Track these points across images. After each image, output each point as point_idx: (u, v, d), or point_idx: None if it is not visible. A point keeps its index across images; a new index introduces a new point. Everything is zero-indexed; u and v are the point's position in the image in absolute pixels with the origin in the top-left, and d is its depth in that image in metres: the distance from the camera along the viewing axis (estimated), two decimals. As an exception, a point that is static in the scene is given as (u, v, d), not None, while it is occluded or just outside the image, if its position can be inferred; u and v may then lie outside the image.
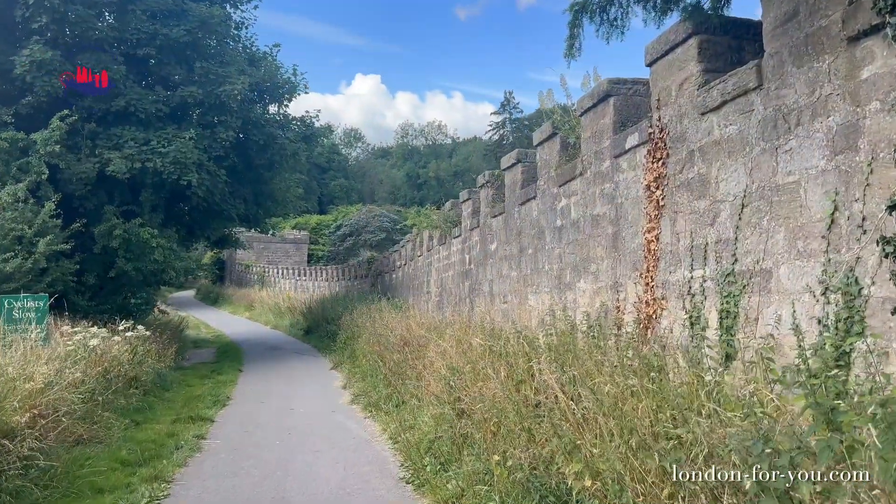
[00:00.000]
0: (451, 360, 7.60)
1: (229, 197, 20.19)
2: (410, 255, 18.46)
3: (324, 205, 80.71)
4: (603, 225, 6.88)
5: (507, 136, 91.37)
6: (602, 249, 6.86)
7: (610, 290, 6.68)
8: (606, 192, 6.81)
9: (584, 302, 7.16)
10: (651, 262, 5.77)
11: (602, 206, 6.89)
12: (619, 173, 6.54)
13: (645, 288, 5.88)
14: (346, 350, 17.49)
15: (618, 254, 6.54)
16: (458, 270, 12.67)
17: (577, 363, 5.25)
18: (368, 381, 12.93)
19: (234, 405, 12.41)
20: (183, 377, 16.31)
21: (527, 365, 6.11)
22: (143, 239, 17.36)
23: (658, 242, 5.71)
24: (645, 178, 5.96)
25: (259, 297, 40.71)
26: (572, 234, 7.64)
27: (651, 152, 5.79)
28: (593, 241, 7.10)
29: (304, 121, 21.27)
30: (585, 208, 7.30)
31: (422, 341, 10.02)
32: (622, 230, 6.47)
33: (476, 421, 6.10)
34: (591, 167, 7.14)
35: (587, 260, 7.23)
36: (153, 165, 17.33)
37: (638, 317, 5.97)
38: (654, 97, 5.76)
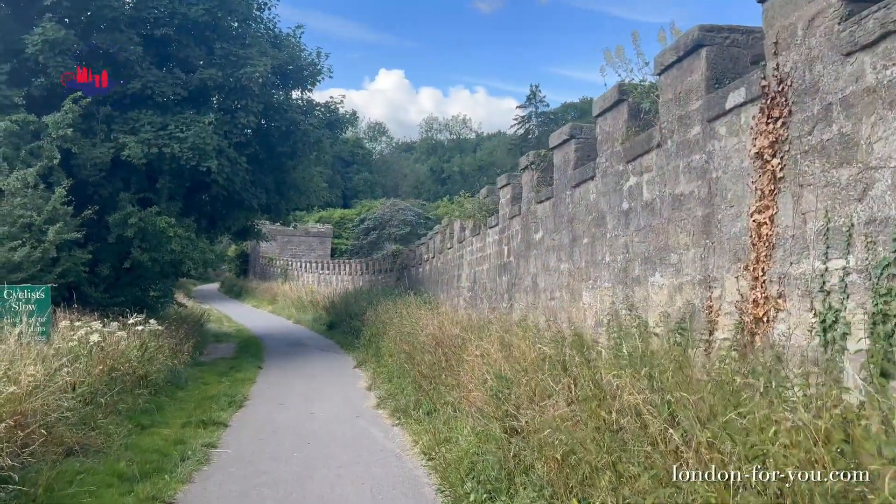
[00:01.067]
0: (497, 366, 6.48)
1: (250, 186, 19.25)
2: (439, 248, 17.34)
3: (347, 199, 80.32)
4: (689, 206, 5.70)
5: (533, 130, 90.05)
6: (687, 236, 5.68)
7: (698, 285, 5.50)
8: (695, 165, 5.62)
9: (659, 300, 6.01)
10: (762, 250, 4.61)
11: (688, 182, 5.71)
12: (714, 141, 5.35)
13: (752, 283, 4.72)
14: (370, 348, 16.48)
15: (710, 241, 5.36)
16: (495, 263, 11.53)
17: (682, 381, 4.07)
18: (395, 382, 11.88)
19: (250, 407, 11.42)
20: (199, 374, 15.42)
21: (593, 377, 4.96)
22: (160, 228, 16.48)
23: (773, 225, 4.54)
24: (755, 145, 4.77)
25: (282, 291, 40.05)
26: (644, 219, 6.46)
27: (765, 110, 4.60)
28: (674, 226, 5.91)
29: (328, 107, 20.24)
30: (663, 187, 6.12)
31: (457, 342, 8.91)
32: (717, 211, 5.28)
33: (534, 444, 4.98)
34: (674, 136, 5.95)
35: (665, 249, 6.05)
36: (171, 151, 16.43)
37: (741, 319, 4.81)
38: (769, 40, 4.56)
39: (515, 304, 10.07)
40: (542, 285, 9.07)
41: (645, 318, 6.04)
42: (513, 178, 10.80)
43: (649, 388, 4.17)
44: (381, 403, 10.94)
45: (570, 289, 8.03)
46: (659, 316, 5.80)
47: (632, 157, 6.59)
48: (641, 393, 4.21)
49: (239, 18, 18.67)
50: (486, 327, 8.66)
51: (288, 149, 19.66)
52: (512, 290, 10.35)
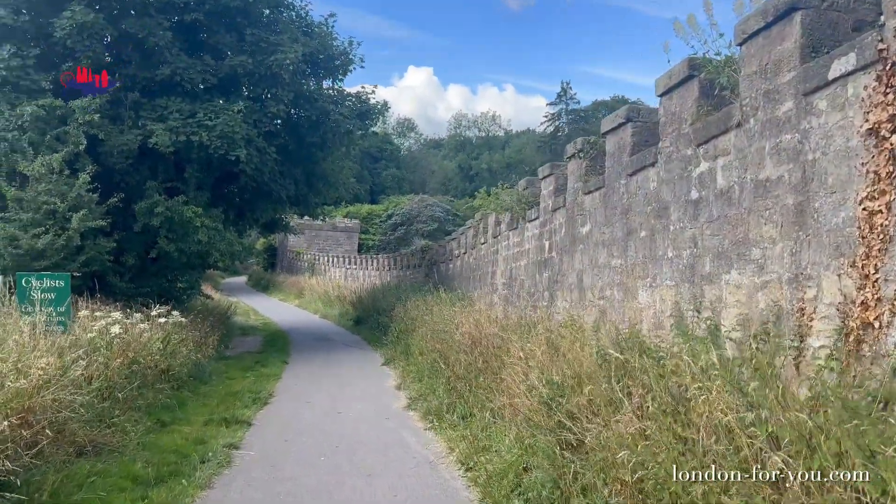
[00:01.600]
0: (547, 371, 5.84)
1: (279, 177, 18.82)
2: (471, 243, 16.70)
3: (375, 194, 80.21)
4: (776, 193, 4.98)
5: (563, 128, 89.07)
6: (773, 228, 4.97)
7: (786, 284, 4.79)
8: (785, 145, 4.90)
9: (736, 300, 5.31)
10: (874, 243, 3.91)
11: (775, 166, 4.99)
12: (811, 117, 4.64)
13: (860, 282, 4.01)
14: (398, 344, 15.94)
15: (804, 233, 4.65)
16: (534, 259, 10.86)
17: (780, 396, 3.39)
18: (426, 382, 11.29)
19: (275, 404, 10.92)
20: (224, 368, 15.02)
21: (668, 387, 4.30)
22: (187, 218, 16.10)
23: (890, 214, 3.83)
24: (867, 120, 4.06)
25: (309, 285, 39.79)
26: (718, 209, 5.74)
27: (883, 79, 3.89)
28: (756, 216, 5.20)
29: (358, 97, 19.69)
30: (743, 172, 5.40)
31: (496, 342, 8.27)
32: (814, 199, 4.57)
33: (596, 463, 4.33)
34: (758, 114, 5.23)
35: (743, 243, 5.34)
36: (198, 139, 16.04)
37: (843, 324, 4.11)
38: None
39: (557, 302, 9.40)
40: (588, 283, 8.38)
41: (716, 321, 5.35)
42: (556, 167, 10.11)
43: (744, 405, 3.51)
44: (411, 404, 10.37)
45: (622, 287, 7.34)
46: (735, 319, 5.12)
47: (703, 140, 5.89)
48: (731, 409, 3.55)
49: (270, 5, 18.23)
50: (529, 327, 8.02)
51: (317, 139, 19.18)
52: (553, 288, 9.68)
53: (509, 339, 7.69)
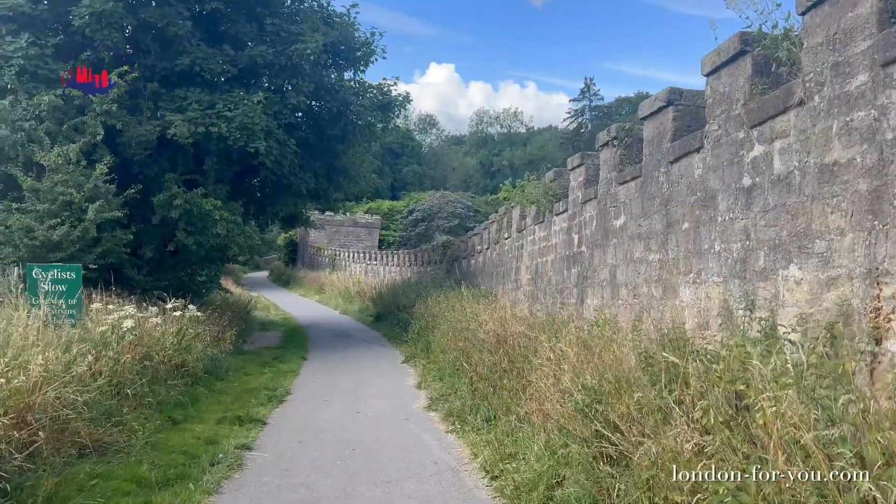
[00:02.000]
0: (581, 374, 5.35)
1: (299, 170, 18.49)
2: (494, 238, 16.20)
3: (396, 190, 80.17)
4: (846, 178, 4.44)
5: (586, 124, 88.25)
6: (841, 217, 4.43)
7: (858, 280, 4.26)
8: (857, 124, 4.36)
9: (796, 298, 4.78)
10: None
11: (845, 148, 4.45)
12: (891, 91, 4.09)
13: (954, 278, 3.48)
14: (419, 342, 15.53)
15: (880, 223, 4.10)
16: (562, 254, 10.34)
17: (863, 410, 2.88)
18: (447, 381, 10.86)
19: (291, 402, 10.56)
20: (242, 364, 14.73)
21: (727, 396, 3.79)
22: (205, 211, 15.82)
23: None
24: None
25: (329, 281, 39.61)
26: (774, 197, 5.20)
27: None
28: (821, 204, 4.66)
29: (380, 88, 19.28)
30: (805, 155, 4.86)
31: (523, 342, 7.78)
32: (893, 184, 4.03)
33: (644, 481, 3.85)
34: (823, 89, 4.69)
35: (805, 235, 4.80)
36: (218, 130, 15.75)
37: (931, 326, 3.59)
38: None
39: (587, 300, 8.88)
40: (622, 279, 7.86)
41: (772, 321, 4.83)
42: (587, 157, 9.57)
43: (824, 419, 3.01)
44: (432, 405, 9.93)
45: (661, 283, 6.81)
46: (795, 319, 4.59)
47: (758, 121, 5.35)
48: (806, 423, 3.05)
49: (291, -7, 17.93)
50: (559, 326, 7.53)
51: (338, 132, 18.81)
52: (583, 285, 9.16)
53: (537, 338, 7.21)
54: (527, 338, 7.63)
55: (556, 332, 7.17)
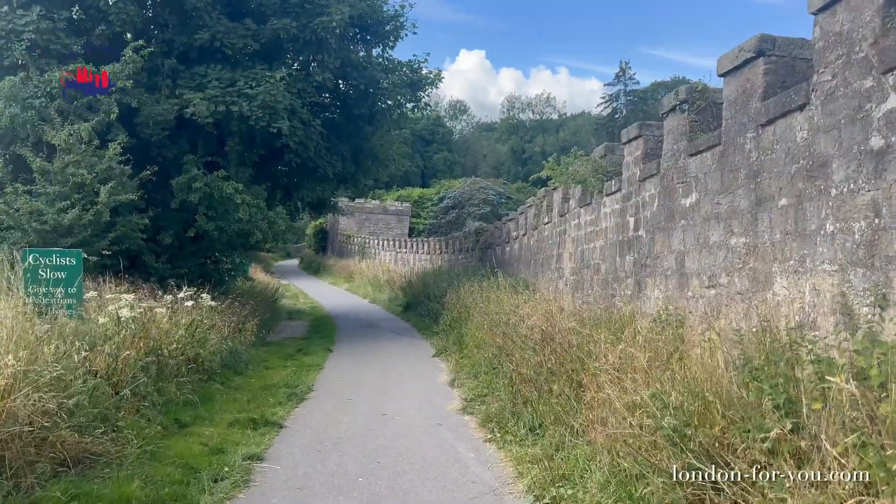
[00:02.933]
0: (659, 386, 4.26)
1: (325, 153, 17.55)
2: (532, 224, 15.05)
3: (426, 178, 79.56)
4: None
5: (621, 109, 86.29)
6: None
7: None
8: None
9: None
10: None
11: None
12: None
13: None
14: (450, 334, 14.55)
15: None
16: (613, 239, 9.18)
17: None
18: (483, 380, 9.84)
19: (312, 402, 9.64)
20: (264, 356, 13.94)
21: (890, 429, 2.69)
22: (227, 194, 15.00)
23: None
24: None
25: (359, 269, 38.93)
26: (926, 159, 4.02)
27: None
28: None
29: (410, 66, 18.19)
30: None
31: (574, 339, 6.69)
32: None
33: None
34: None
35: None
36: (238, 109, 14.90)
37: None
38: None
39: (647, 291, 7.73)
40: (693, 267, 6.70)
41: (918, 323, 3.71)
42: (646, 127, 8.37)
43: None
44: (467, 407, 8.91)
45: (748, 272, 5.63)
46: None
47: (895, 64, 4.18)
48: None
49: (315, -37, 16.87)
50: (617, 322, 6.45)
51: (366, 111, 17.82)
52: (641, 274, 8.01)
53: (592, 336, 6.12)
54: (579, 335, 6.54)
55: (617, 330, 6.09)
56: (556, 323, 7.17)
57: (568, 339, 6.57)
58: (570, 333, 6.68)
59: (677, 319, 5.96)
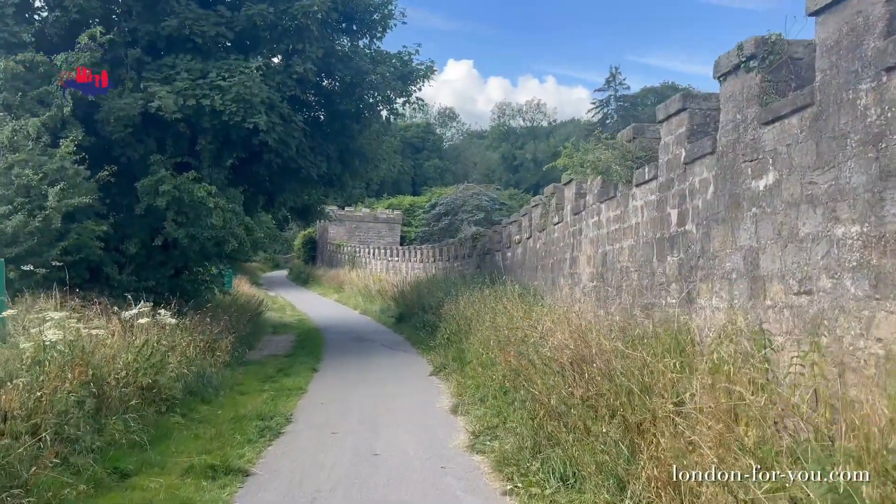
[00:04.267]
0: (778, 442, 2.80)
1: (308, 152, 16.05)
2: (539, 225, 13.58)
3: (417, 186, 78.56)
4: None
5: (612, 115, 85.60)
6: None
7: None
8: None
9: None
10: None
11: None
12: None
13: None
14: (449, 349, 13.07)
15: None
16: (649, 237, 7.67)
17: None
18: (491, 406, 8.35)
19: (289, 437, 8.12)
20: (241, 378, 12.42)
21: None
22: (198, 197, 13.47)
23: None
24: None
25: (349, 279, 37.40)
26: None
27: None
28: None
29: (400, 57, 16.74)
30: None
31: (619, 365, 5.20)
32: None
33: None
34: None
35: None
36: (210, 103, 13.44)
37: None
38: None
39: (700, 299, 6.24)
40: (773, 268, 5.21)
41: None
42: (692, 99, 6.86)
43: None
44: (476, 443, 7.40)
45: (868, 272, 4.15)
46: None
47: None
48: None
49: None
50: (680, 341, 4.98)
51: (352, 107, 16.36)
52: (691, 278, 6.52)
53: (648, 363, 4.64)
54: (626, 360, 5.06)
55: (677, 352, 4.63)
56: (591, 341, 5.68)
57: (610, 365, 5.10)
58: (613, 356, 5.21)
59: (760, 338, 4.49)
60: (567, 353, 5.69)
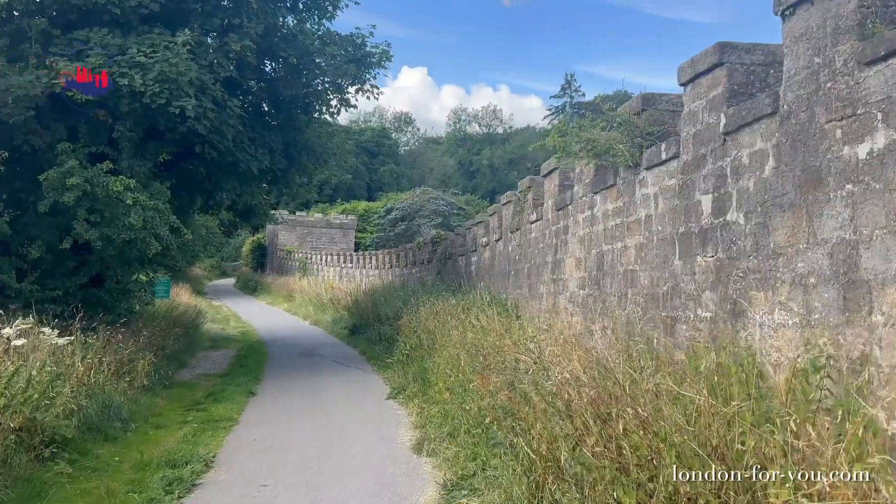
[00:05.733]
0: None
1: (248, 144, 14.12)
2: (511, 225, 11.99)
3: (372, 191, 76.89)
4: None
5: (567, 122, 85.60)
6: None
7: None
8: None
9: None
10: None
11: None
12: None
13: None
14: (409, 366, 11.39)
15: None
16: (667, 232, 6.02)
17: None
18: (466, 444, 6.72)
19: (205, 494, 6.31)
20: (162, 404, 10.56)
21: None
22: (114, 193, 11.46)
23: None
24: None
25: (299, 287, 35.25)
26: None
27: None
28: None
29: (352, 39, 14.98)
30: None
31: (674, 416, 3.58)
32: None
33: None
34: None
35: None
36: (129, 83, 11.48)
37: None
38: None
39: (756, 313, 4.60)
40: (884, 268, 3.62)
41: None
42: (731, 51, 5.20)
43: None
44: (450, 497, 5.68)
45: None
46: None
47: None
48: None
49: None
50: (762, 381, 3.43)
51: (299, 93, 14.54)
52: (739, 284, 4.92)
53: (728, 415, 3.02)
54: (674, 401, 3.45)
55: (763, 397, 3.05)
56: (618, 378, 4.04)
57: (657, 414, 3.47)
58: (650, 396, 3.59)
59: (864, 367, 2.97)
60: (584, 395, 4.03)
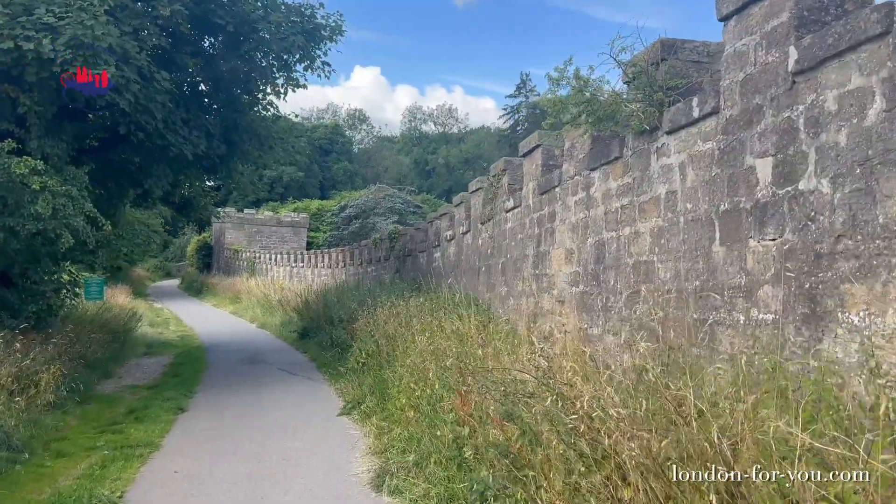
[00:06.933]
0: None
1: (181, 126, 12.42)
2: (483, 214, 10.61)
3: (325, 189, 75.14)
4: None
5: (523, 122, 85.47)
6: None
7: None
8: None
9: None
10: None
11: None
12: None
13: None
14: (365, 376, 10.00)
15: None
16: (700, 211, 4.59)
17: None
18: (434, 476, 5.34)
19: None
20: (73, 424, 8.90)
21: None
22: (17, 176, 9.72)
23: None
24: None
25: (247, 288, 33.29)
26: None
27: None
28: None
29: (300, 10, 13.41)
30: None
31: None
32: None
33: None
34: None
35: None
36: (35, 48, 9.75)
37: None
38: None
39: (852, 315, 3.21)
40: None
41: None
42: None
43: None
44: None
45: None
46: None
47: None
48: None
49: None
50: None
51: (238, 66, 12.91)
52: (824, 274, 3.59)
53: None
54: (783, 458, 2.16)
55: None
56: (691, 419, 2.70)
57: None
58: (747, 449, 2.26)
59: None
60: (636, 444, 2.67)
